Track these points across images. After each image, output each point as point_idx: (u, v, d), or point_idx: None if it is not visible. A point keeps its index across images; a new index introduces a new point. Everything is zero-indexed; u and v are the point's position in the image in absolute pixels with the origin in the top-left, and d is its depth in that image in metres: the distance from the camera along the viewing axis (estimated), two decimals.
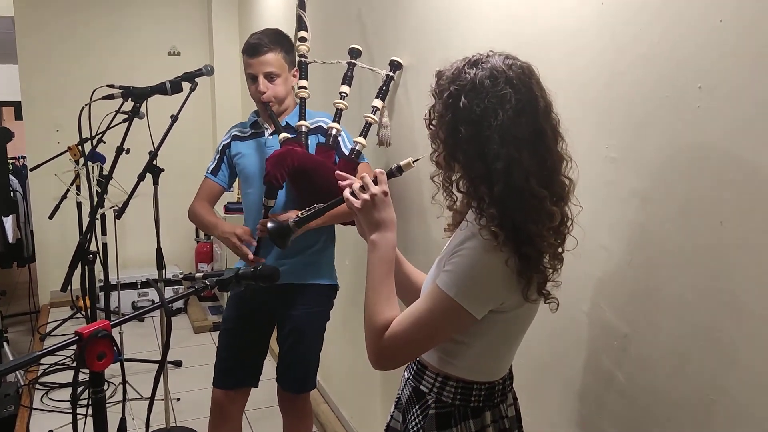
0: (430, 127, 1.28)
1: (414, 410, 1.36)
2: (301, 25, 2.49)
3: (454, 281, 1.20)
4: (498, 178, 1.16)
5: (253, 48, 2.34)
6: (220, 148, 2.57)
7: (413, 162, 1.36)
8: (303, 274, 2.39)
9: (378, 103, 2.38)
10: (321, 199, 2.25)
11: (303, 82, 2.44)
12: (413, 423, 1.36)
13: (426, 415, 1.34)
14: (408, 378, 1.42)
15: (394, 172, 1.38)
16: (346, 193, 1.37)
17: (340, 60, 2.47)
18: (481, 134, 1.17)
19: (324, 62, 2.47)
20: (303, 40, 2.47)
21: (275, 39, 2.36)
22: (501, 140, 1.16)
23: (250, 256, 2.32)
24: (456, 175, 1.25)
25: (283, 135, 2.31)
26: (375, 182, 1.34)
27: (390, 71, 2.37)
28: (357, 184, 1.36)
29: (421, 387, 1.36)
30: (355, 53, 2.48)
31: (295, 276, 2.37)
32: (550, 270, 1.26)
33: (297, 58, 2.45)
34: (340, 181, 1.42)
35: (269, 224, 1.56)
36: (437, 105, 1.25)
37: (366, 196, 1.33)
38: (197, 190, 2.56)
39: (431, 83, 1.29)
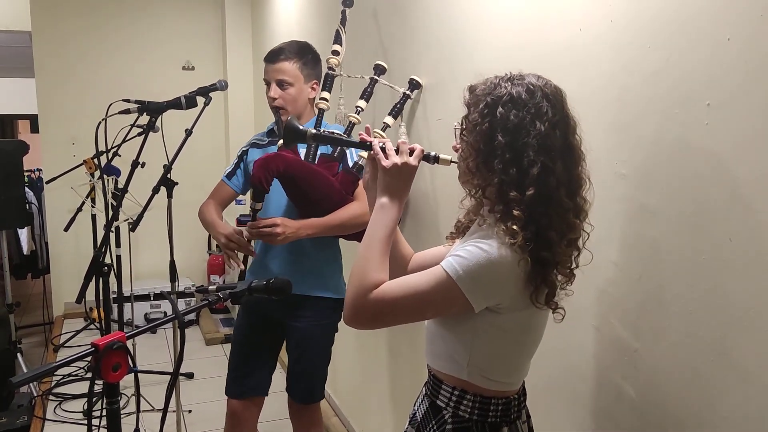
0: (462, 136, 1.30)
1: (430, 425, 1.34)
2: (336, 39, 2.51)
3: (461, 265, 1.21)
4: (531, 183, 1.20)
5: (270, 54, 2.42)
6: (239, 154, 2.62)
7: (451, 161, 1.36)
8: (308, 286, 2.39)
9: (389, 120, 2.37)
10: (311, 205, 2.28)
11: (325, 94, 2.45)
12: None
13: (443, 430, 1.32)
14: (425, 393, 1.41)
15: (429, 157, 1.39)
16: (377, 146, 1.37)
17: (363, 75, 2.47)
18: (518, 141, 1.21)
19: (349, 76, 2.48)
20: (335, 54, 2.48)
21: (296, 50, 2.40)
22: (538, 148, 1.20)
23: (240, 264, 2.41)
24: (486, 181, 1.27)
25: (281, 141, 2.34)
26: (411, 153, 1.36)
27: (408, 89, 2.36)
28: (390, 144, 1.36)
29: (438, 401, 1.35)
30: (379, 70, 2.47)
31: (299, 287, 2.33)
32: (563, 280, 1.27)
33: (326, 71, 2.47)
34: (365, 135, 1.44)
35: (290, 119, 1.53)
36: (471, 114, 1.28)
37: (397, 160, 1.34)
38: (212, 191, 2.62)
39: (464, 95, 1.31)
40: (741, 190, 1.15)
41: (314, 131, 1.52)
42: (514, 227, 1.19)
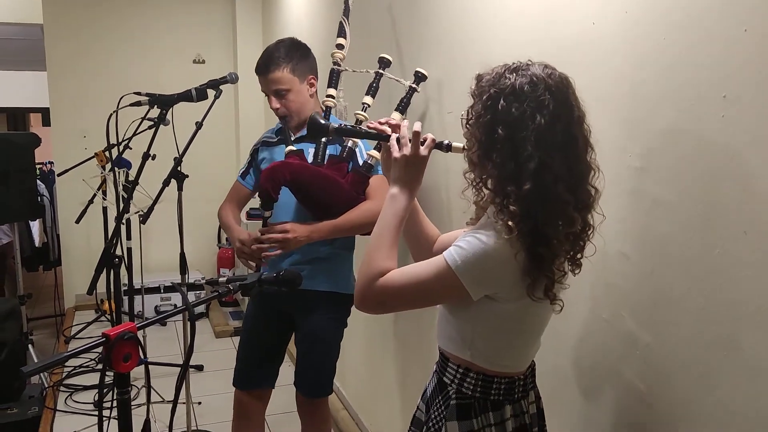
0: (467, 126, 1.32)
1: (437, 400, 1.40)
2: (340, 32, 2.47)
3: (460, 255, 1.25)
4: (527, 178, 1.21)
5: (259, 67, 2.39)
6: (251, 152, 2.63)
7: (464, 148, 1.37)
8: (318, 281, 2.39)
9: (396, 115, 2.32)
10: (323, 208, 2.28)
11: (331, 91, 2.41)
12: (436, 413, 1.39)
13: (447, 405, 1.37)
14: (435, 370, 1.46)
15: (442, 146, 1.41)
16: (393, 139, 1.41)
17: (369, 69, 2.43)
18: (517, 136, 1.22)
19: (354, 71, 2.45)
20: (340, 47, 2.45)
21: (283, 54, 2.36)
22: (536, 143, 1.20)
23: (252, 269, 2.39)
24: (487, 173, 1.29)
25: (289, 148, 2.36)
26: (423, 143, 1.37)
27: (413, 83, 2.32)
28: (405, 132, 1.39)
29: (444, 378, 1.40)
30: (384, 63, 2.43)
31: (309, 282, 2.31)
32: (562, 274, 1.28)
33: (331, 66, 2.44)
34: (381, 124, 1.45)
35: (313, 115, 1.58)
36: (476, 106, 1.29)
37: (407, 152, 1.36)
38: (228, 192, 2.64)
39: (471, 85, 1.32)
40: (757, 183, 1.13)
41: (336, 125, 1.56)
42: (510, 223, 1.21)
